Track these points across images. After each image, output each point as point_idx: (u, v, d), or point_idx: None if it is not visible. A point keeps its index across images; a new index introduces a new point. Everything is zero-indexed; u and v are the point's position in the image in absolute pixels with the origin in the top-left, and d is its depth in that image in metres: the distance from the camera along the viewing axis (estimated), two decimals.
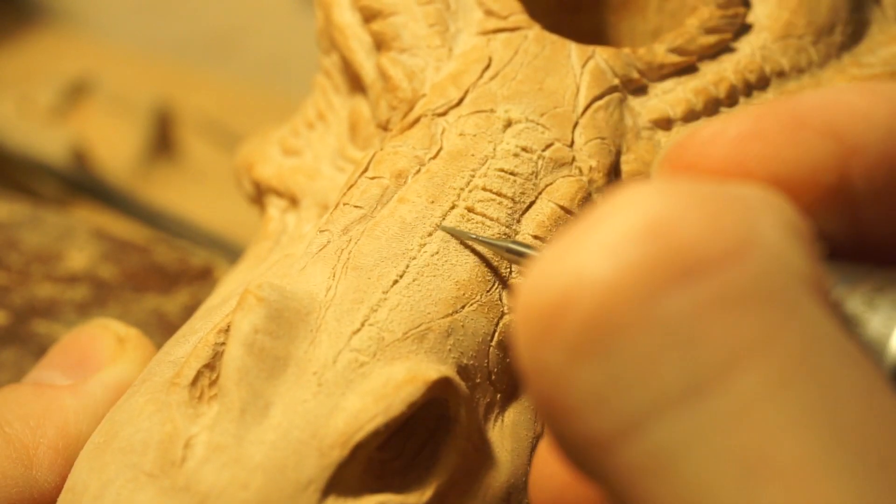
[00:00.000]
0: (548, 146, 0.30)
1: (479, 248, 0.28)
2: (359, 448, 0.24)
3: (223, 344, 0.26)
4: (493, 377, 0.28)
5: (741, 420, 0.16)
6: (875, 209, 0.20)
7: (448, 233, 0.28)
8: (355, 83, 0.35)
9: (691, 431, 0.16)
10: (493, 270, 0.28)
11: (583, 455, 0.17)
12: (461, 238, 0.28)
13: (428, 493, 0.25)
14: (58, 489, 0.28)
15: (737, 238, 0.17)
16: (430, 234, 0.28)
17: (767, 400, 0.16)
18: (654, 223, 0.17)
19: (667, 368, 0.16)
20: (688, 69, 0.33)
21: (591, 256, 0.17)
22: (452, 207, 0.29)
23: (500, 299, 0.28)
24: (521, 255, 0.27)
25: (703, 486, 0.16)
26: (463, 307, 0.27)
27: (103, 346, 0.32)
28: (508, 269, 0.28)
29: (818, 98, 0.20)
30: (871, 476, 0.15)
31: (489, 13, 0.33)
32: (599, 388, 0.17)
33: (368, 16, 0.34)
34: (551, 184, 0.30)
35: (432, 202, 0.29)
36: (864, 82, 0.22)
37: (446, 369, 0.26)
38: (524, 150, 0.30)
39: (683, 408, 0.16)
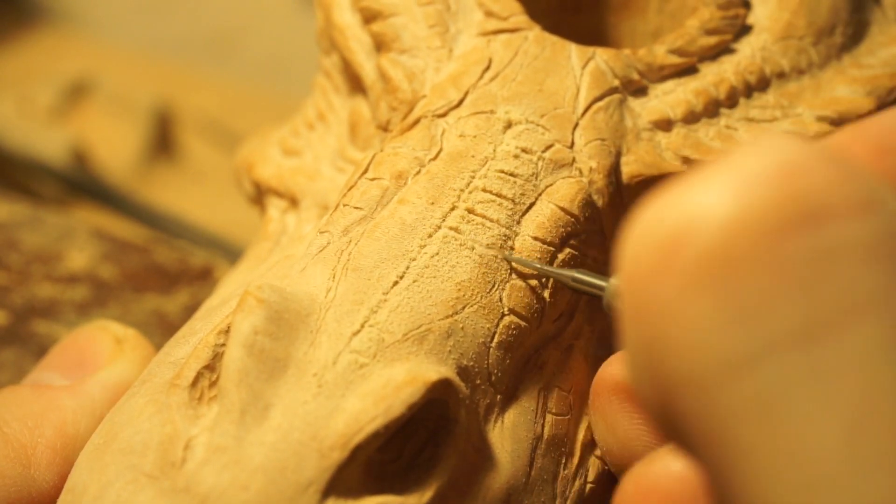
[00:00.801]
0: (548, 147, 0.30)
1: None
2: (359, 449, 0.24)
3: (223, 345, 0.26)
4: (493, 378, 0.28)
5: (853, 370, 0.16)
6: None
7: (515, 263, 0.28)
8: (355, 84, 0.35)
9: (802, 375, 0.16)
10: (494, 272, 0.28)
11: (681, 399, 0.17)
12: (526, 266, 0.28)
13: (428, 494, 0.25)
14: (56, 489, 0.28)
15: (864, 195, 0.17)
16: (430, 236, 0.28)
17: (881, 354, 0.16)
18: (784, 168, 0.17)
19: (784, 309, 0.16)
20: (688, 70, 0.33)
21: (718, 192, 0.17)
22: (452, 208, 0.29)
23: (501, 300, 0.28)
24: (587, 284, 0.27)
25: (808, 433, 0.16)
26: (463, 308, 0.27)
27: (102, 346, 0.32)
28: (508, 271, 0.28)
29: (894, 121, 0.20)
30: None
31: (489, 14, 0.33)
32: (713, 322, 0.16)
33: (368, 17, 0.34)
34: (551, 185, 0.30)
35: (432, 203, 0.29)
36: None
37: (446, 370, 0.26)
38: (524, 151, 0.30)
39: (797, 351, 0.16)
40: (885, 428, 0.15)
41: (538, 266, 0.28)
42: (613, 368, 0.28)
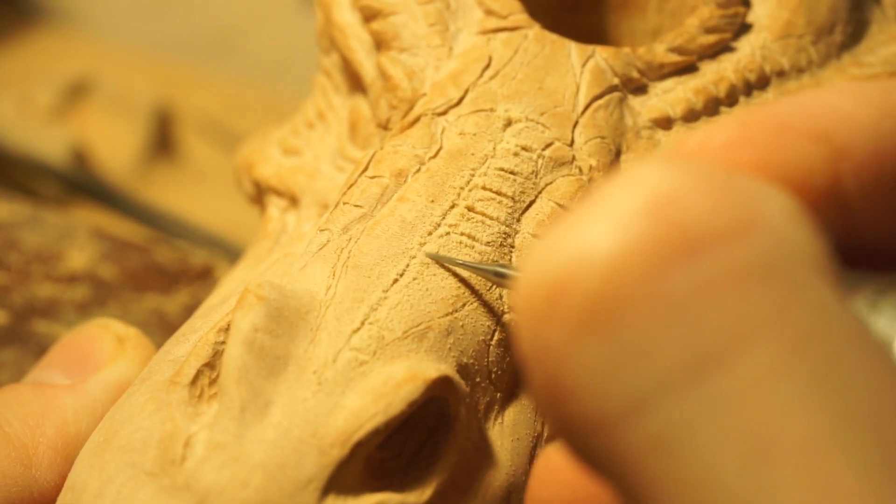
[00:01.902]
0: (548, 145, 0.30)
1: (463, 272, 0.28)
2: (358, 447, 0.24)
3: (223, 343, 0.26)
4: (494, 376, 0.28)
5: (748, 399, 0.15)
6: (868, 212, 0.19)
7: (433, 259, 0.27)
8: (355, 83, 0.35)
9: (697, 410, 0.16)
10: None
11: (585, 439, 0.17)
12: (446, 263, 0.28)
13: (428, 491, 0.25)
14: (57, 488, 0.28)
15: (743, 216, 0.16)
16: (430, 233, 0.28)
17: (775, 378, 0.16)
18: (660, 199, 0.16)
19: (672, 346, 0.16)
20: (688, 68, 0.33)
21: (595, 232, 0.16)
22: (452, 206, 0.29)
23: (501, 298, 0.28)
24: (507, 277, 0.27)
25: (710, 467, 0.15)
26: (463, 306, 0.27)
27: (103, 345, 0.32)
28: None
29: (803, 102, 0.20)
30: (880, 455, 0.15)
31: (489, 12, 0.33)
32: (603, 366, 0.16)
33: (368, 15, 0.34)
34: (551, 183, 0.30)
35: (432, 201, 0.29)
36: (848, 83, 0.22)
37: (446, 368, 0.26)
38: (524, 149, 0.30)
39: (689, 386, 0.16)
40: (786, 449, 0.15)
41: (458, 262, 0.27)
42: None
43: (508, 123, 0.30)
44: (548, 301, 0.17)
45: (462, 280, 0.28)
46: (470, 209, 0.29)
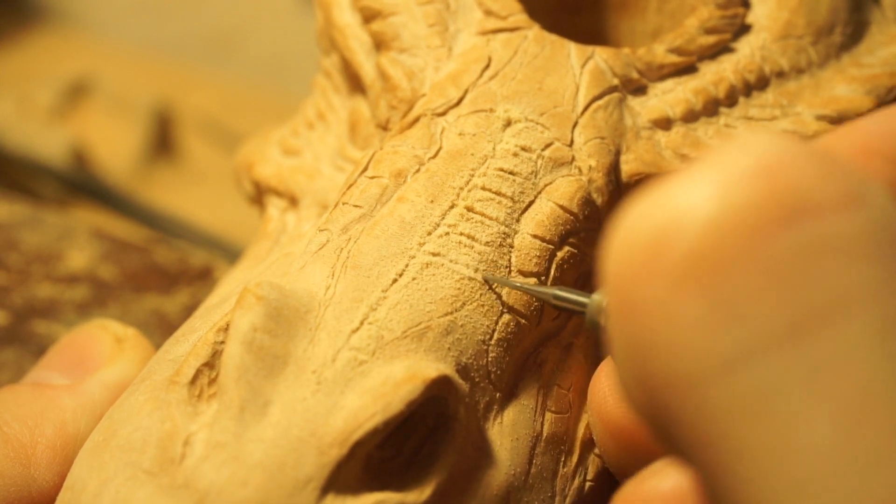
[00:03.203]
0: (547, 146, 0.30)
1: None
2: (358, 446, 0.24)
3: (222, 342, 0.26)
4: (493, 376, 0.28)
5: (844, 365, 0.16)
6: None
7: (489, 281, 0.28)
8: (355, 83, 0.35)
9: (792, 373, 0.16)
10: (493, 270, 0.28)
11: (674, 397, 0.17)
12: (506, 285, 0.28)
13: (427, 491, 0.25)
14: (56, 488, 0.28)
15: (849, 190, 0.17)
16: (429, 233, 0.28)
17: (870, 348, 0.16)
18: (769, 164, 0.17)
19: (772, 307, 0.16)
20: (687, 69, 0.33)
21: (701, 191, 0.17)
22: (452, 206, 0.29)
23: (500, 298, 0.28)
24: (570, 301, 0.27)
25: (802, 428, 0.16)
26: (462, 306, 0.27)
27: (102, 346, 0.32)
28: (507, 268, 0.28)
29: (883, 124, 0.20)
30: None
31: (489, 13, 0.33)
32: (701, 321, 0.16)
33: (368, 16, 0.34)
34: (551, 183, 0.30)
35: (432, 201, 0.29)
36: None
37: (445, 368, 0.26)
38: (523, 149, 0.30)
39: (787, 348, 0.16)
40: (877, 424, 0.15)
41: (518, 285, 0.28)
42: (610, 369, 0.28)
43: (508, 124, 0.30)
44: (648, 254, 0.17)
45: (461, 280, 0.28)
46: (469, 209, 0.29)
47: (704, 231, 0.16)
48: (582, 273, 0.30)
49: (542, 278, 0.29)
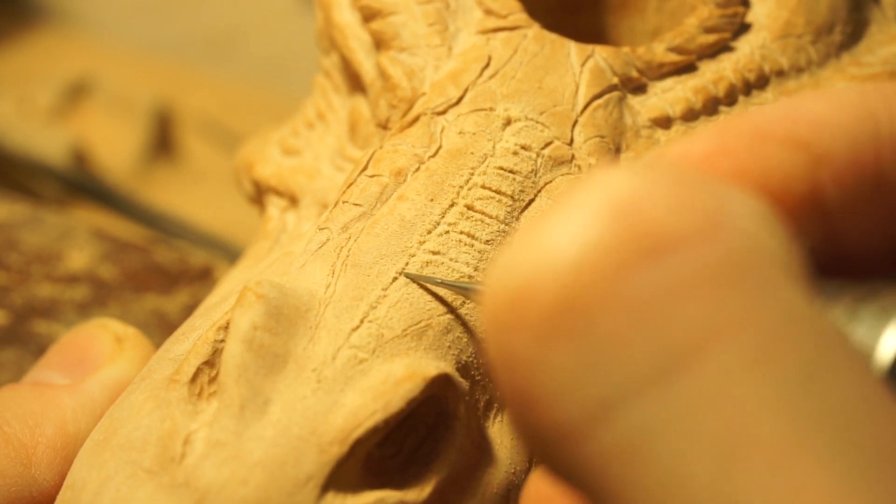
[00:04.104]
0: (547, 144, 0.30)
1: (442, 290, 0.27)
2: (358, 444, 0.24)
3: (223, 341, 0.26)
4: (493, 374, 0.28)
5: (716, 400, 0.15)
6: (848, 218, 0.19)
7: (411, 279, 0.27)
8: (355, 83, 0.35)
9: (665, 413, 0.15)
10: None
11: (554, 448, 0.17)
12: (426, 283, 0.27)
13: (427, 489, 0.25)
14: (56, 487, 0.28)
15: (707, 217, 0.16)
16: (429, 232, 0.28)
17: (742, 379, 0.15)
18: (622, 202, 0.16)
19: (638, 349, 0.16)
20: (687, 68, 0.33)
21: (557, 238, 0.16)
22: (452, 205, 0.29)
23: None
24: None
25: (680, 470, 0.15)
26: (462, 304, 0.27)
27: (102, 345, 0.32)
28: None
29: (780, 109, 0.19)
30: (853, 457, 0.15)
31: (488, 12, 0.33)
32: (569, 372, 0.16)
33: (368, 15, 0.34)
34: (550, 182, 0.30)
35: (432, 200, 0.29)
36: (823, 89, 0.22)
37: (445, 366, 0.26)
38: (523, 148, 0.30)
39: (656, 389, 0.15)
40: (755, 452, 0.15)
41: (438, 281, 0.27)
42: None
43: (508, 122, 0.30)
44: (511, 308, 0.16)
45: (460, 279, 0.28)
46: (469, 208, 0.29)
47: (562, 281, 0.16)
48: None
49: None
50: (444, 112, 0.31)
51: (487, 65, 0.32)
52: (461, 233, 0.28)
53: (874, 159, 0.19)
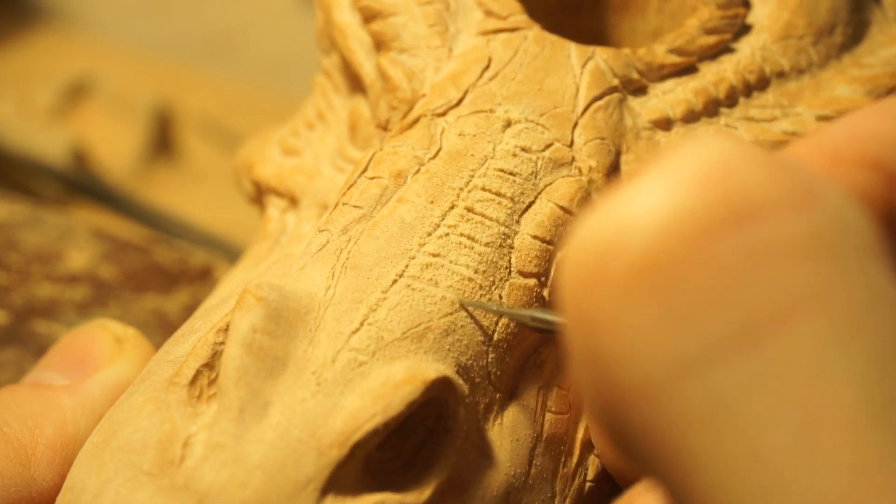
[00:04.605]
0: (547, 146, 0.30)
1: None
2: (357, 447, 0.24)
3: (222, 343, 0.26)
4: (493, 377, 0.28)
5: (798, 370, 0.15)
6: None
7: (467, 306, 0.27)
8: (355, 83, 0.35)
9: (747, 378, 0.16)
10: (493, 270, 0.28)
11: (627, 408, 0.16)
12: (484, 309, 0.27)
13: (427, 492, 0.25)
14: (56, 488, 0.28)
15: (799, 190, 0.17)
16: (429, 234, 0.28)
17: (823, 350, 0.16)
18: (715, 167, 0.17)
19: (723, 312, 0.16)
20: (688, 70, 0.33)
21: (648, 197, 0.16)
22: (452, 207, 0.29)
23: (500, 298, 0.28)
24: (547, 322, 0.27)
25: (759, 434, 0.15)
26: (462, 307, 0.27)
27: (102, 346, 0.32)
28: (507, 270, 0.28)
29: (846, 129, 0.20)
30: None
31: (489, 14, 0.33)
32: (651, 330, 0.16)
33: (368, 16, 0.34)
34: (551, 184, 0.30)
35: (431, 202, 0.29)
36: (883, 103, 0.22)
37: (445, 368, 0.26)
38: (523, 150, 0.30)
39: (741, 352, 0.16)
40: (835, 424, 0.15)
41: (495, 308, 0.27)
42: None
43: (508, 124, 0.30)
44: (596, 264, 0.17)
45: (461, 281, 0.28)
46: (469, 210, 0.29)
47: (651, 238, 0.16)
48: None
49: (542, 279, 0.29)
50: (444, 114, 0.31)
51: (488, 66, 0.32)
52: (461, 235, 0.28)
53: None
